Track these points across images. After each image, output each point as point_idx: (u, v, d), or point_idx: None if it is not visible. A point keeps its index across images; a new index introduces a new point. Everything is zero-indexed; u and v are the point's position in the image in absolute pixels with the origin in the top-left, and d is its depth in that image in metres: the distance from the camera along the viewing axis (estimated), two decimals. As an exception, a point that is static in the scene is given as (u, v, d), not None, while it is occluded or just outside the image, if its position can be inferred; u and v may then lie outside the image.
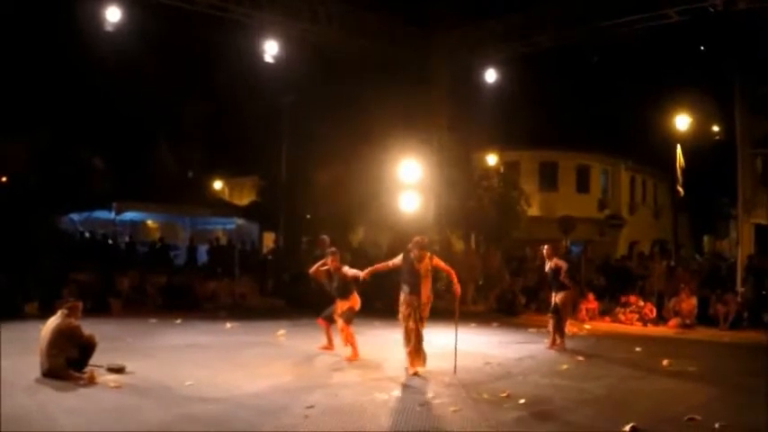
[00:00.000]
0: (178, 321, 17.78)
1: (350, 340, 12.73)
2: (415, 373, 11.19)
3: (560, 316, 14.93)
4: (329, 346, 13.43)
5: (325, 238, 16.36)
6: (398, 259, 11.76)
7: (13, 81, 25.79)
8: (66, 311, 10.37)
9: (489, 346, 12.18)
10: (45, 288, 18.04)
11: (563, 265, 14.97)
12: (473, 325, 17.61)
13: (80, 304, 10.75)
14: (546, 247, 15.49)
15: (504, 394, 9.88)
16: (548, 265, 15.19)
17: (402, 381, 10.83)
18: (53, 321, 10.26)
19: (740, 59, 22.96)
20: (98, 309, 18.17)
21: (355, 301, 12.91)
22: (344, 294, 12.90)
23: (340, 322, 12.78)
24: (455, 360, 11.43)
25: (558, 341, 14.86)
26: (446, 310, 21.41)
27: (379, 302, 18.70)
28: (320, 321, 13.53)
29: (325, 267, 13.43)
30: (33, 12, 23.69)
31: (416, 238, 11.80)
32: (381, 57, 24.76)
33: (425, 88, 25.64)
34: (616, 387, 10.91)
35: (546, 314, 15.66)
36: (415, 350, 11.44)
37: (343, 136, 27.48)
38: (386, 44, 24.30)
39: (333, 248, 13.82)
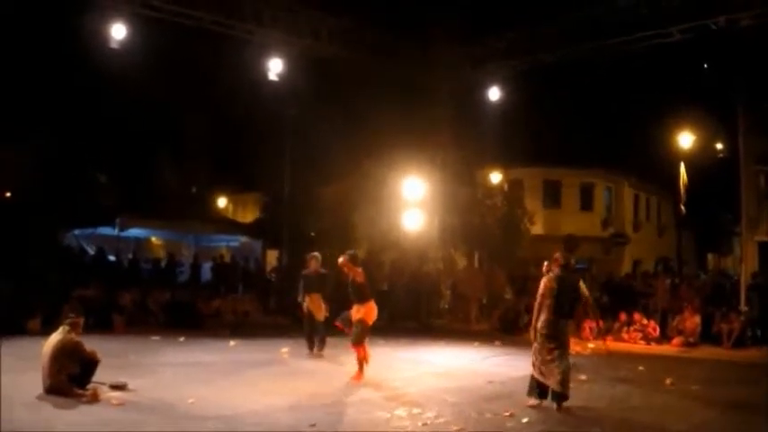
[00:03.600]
0: (181, 339, 17.74)
1: (360, 359, 12.57)
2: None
3: None
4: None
5: (317, 254, 16.07)
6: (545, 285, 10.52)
7: (18, 96, 25.91)
8: (67, 327, 10.35)
9: (492, 365, 12.15)
10: (48, 304, 18.01)
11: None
12: (476, 344, 17.56)
13: (81, 320, 10.71)
14: (545, 264, 15.48)
15: (507, 413, 9.86)
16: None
17: (405, 399, 10.78)
18: (55, 337, 10.24)
19: (743, 76, 22.99)
20: (101, 325, 18.15)
21: (370, 309, 12.61)
22: (360, 299, 12.67)
23: (351, 338, 12.64)
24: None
25: None
26: (449, 330, 21.43)
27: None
28: (337, 324, 13.33)
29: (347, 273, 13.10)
30: (38, 28, 23.84)
31: (556, 255, 10.92)
32: (384, 74, 24.87)
33: (428, 105, 25.71)
34: (619, 406, 10.87)
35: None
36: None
37: (347, 153, 27.56)
38: (388, 61, 24.39)
39: (350, 252, 13.56)
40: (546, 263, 11.04)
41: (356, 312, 12.64)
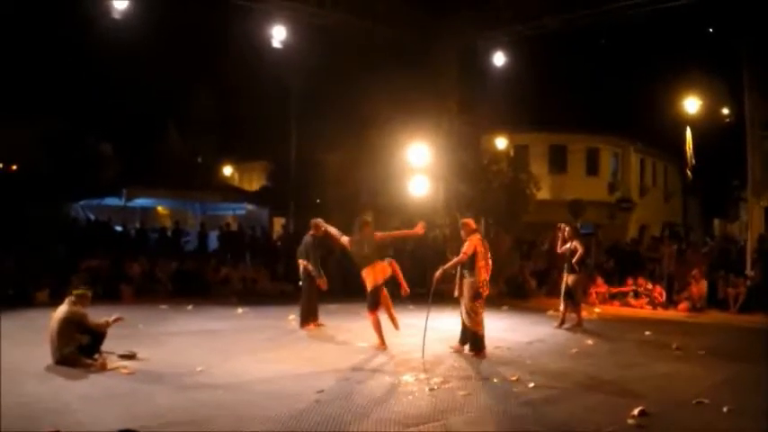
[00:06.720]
0: (189, 307, 17.84)
1: (375, 328, 12.43)
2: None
3: (573, 298, 15.21)
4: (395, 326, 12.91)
5: (319, 220, 15.03)
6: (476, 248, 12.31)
7: (22, 69, 25.84)
8: (73, 299, 10.39)
9: (499, 330, 12.22)
10: (55, 275, 18.09)
11: (580, 249, 15.12)
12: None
13: (89, 293, 10.74)
14: (567, 228, 15.69)
15: (514, 378, 9.93)
16: (567, 245, 15.37)
17: (412, 365, 10.85)
18: (61, 309, 10.29)
19: (750, 41, 22.81)
20: (109, 295, 18.24)
21: (379, 272, 12.27)
22: (369, 262, 12.31)
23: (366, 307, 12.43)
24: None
25: (576, 321, 15.32)
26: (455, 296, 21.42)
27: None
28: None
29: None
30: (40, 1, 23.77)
31: (466, 219, 12.75)
32: (389, 40, 24.77)
33: (433, 71, 25.62)
34: (625, 371, 10.90)
35: (556, 297, 15.79)
36: None
37: (353, 120, 27.48)
38: (393, 27, 24.29)
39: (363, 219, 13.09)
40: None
41: (366, 276, 12.32)
